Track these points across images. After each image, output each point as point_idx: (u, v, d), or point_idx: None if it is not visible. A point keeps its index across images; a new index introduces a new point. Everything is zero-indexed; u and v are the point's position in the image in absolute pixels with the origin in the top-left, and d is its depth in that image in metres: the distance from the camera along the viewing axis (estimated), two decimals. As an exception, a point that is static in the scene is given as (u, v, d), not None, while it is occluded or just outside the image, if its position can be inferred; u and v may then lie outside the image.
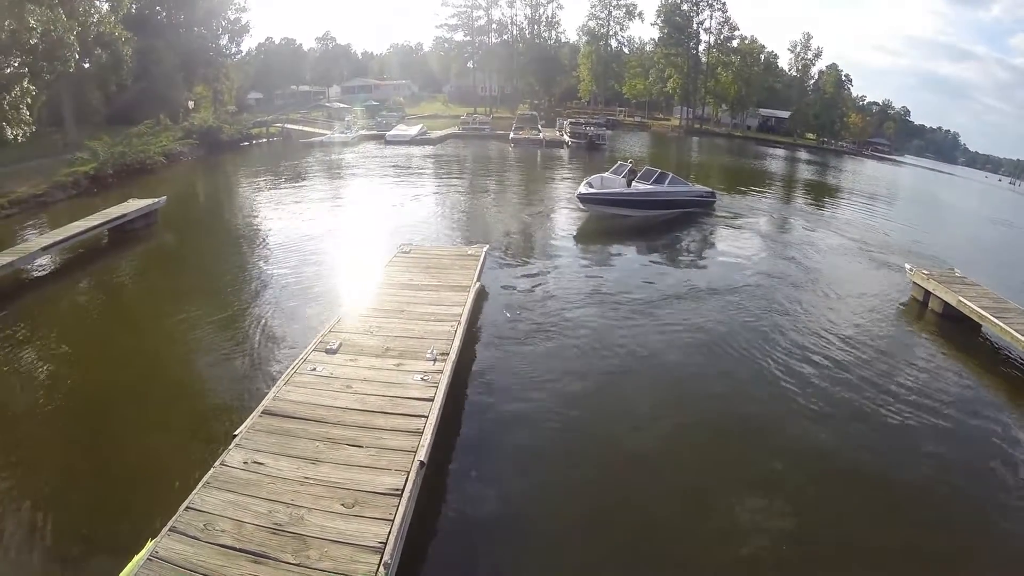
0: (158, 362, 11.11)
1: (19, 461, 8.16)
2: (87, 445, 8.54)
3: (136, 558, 5.40)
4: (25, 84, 24.76)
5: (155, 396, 9.84)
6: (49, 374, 10.51)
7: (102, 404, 9.58)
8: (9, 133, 24.26)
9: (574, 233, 23.42)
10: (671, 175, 27.39)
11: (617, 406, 10.46)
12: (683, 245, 22.89)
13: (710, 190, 30.05)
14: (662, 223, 25.54)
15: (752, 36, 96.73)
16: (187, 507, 5.97)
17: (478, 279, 13.87)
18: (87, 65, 35.78)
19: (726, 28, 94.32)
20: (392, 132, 52.80)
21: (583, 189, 24.52)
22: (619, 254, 20.82)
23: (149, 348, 11.61)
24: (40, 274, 15.31)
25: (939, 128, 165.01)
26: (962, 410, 11.43)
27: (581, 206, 24.60)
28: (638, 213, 25.39)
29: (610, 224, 24.61)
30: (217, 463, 6.65)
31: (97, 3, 34.45)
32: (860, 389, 11.72)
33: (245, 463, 6.66)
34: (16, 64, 25.19)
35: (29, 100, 25.35)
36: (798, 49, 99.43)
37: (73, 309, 13.87)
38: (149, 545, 5.52)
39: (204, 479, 6.38)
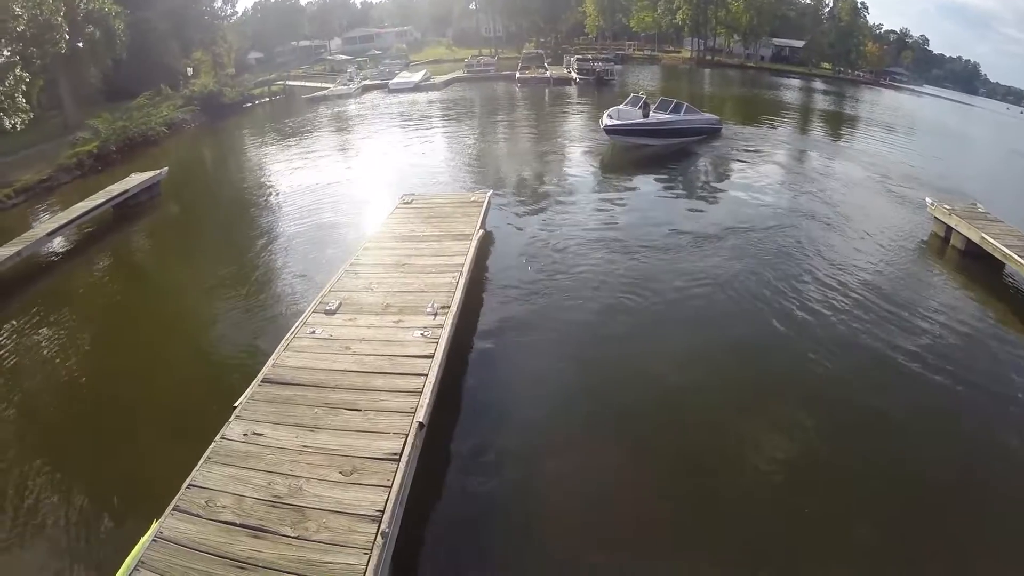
0: (165, 336, 11.11)
1: (32, 442, 8.32)
2: (92, 424, 8.60)
3: (142, 540, 5.41)
4: (18, 72, 24.53)
5: (160, 371, 9.85)
6: (58, 356, 10.55)
7: (108, 380, 9.65)
8: (7, 123, 24.15)
9: (585, 171, 23.10)
10: (686, 104, 27.91)
11: (631, 359, 10.08)
12: (699, 181, 22.28)
13: (718, 118, 30.31)
14: (675, 155, 25.26)
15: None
16: (189, 484, 5.97)
17: (481, 226, 13.59)
18: (80, 44, 35.30)
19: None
20: (395, 80, 51.91)
21: (607, 121, 24.93)
22: (633, 191, 20.27)
23: (155, 322, 11.62)
24: (50, 259, 15.30)
25: (959, 58, 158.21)
26: (986, 351, 11.08)
27: (607, 137, 25.10)
28: (659, 142, 25.88)
29: (622, 159, 24.35)
30: (218, 437, 6.62)
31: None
32: (881, 329, 11.37)
33: (245, 435, 6.62)
34: (7, 53, 24.97)
35: (24, 87, 25.15)
36: None
37: (80, 289, 13.85)
38: (154, 526, 5.53)
39: (206, 454, 6.36)
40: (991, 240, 14.29)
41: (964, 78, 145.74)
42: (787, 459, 7.89)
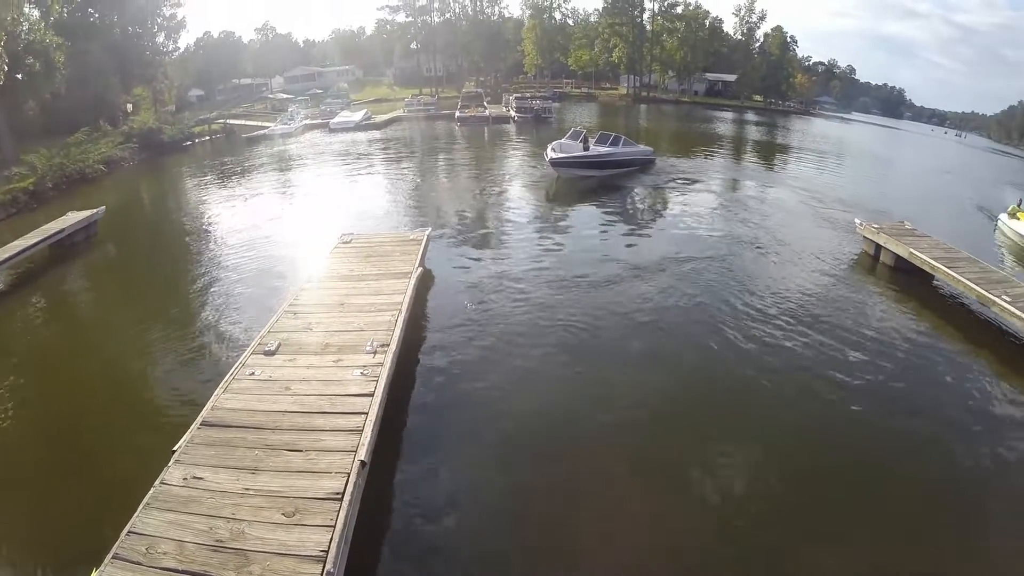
0: (101, 379, 10.76)
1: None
2: (31, 470, 8.28)
3: None
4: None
5: (97, 416, 9.56)
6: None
7: (46, 425, 9.28)
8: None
9: (524, 207, 23.50)
10: (623, 137, 29.42)
11: (573, 394, 10.23)
12: (638, 213, 22.97)
13: (651, 149, 31.77)
14: (614, 188, 26.25)
15: (696, 2, 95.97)
16: (129, 531, 5.81)
17: (420, 264, 13.67)
18: (19, 76, 34.27)
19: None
20: (336, 120, 51.65)
21: (551, 154, 25.91)
22: (572, 225, 20.71)
23: (91, 366, 11.26)
24: (-20, 299, 14.68)
25: (885, 85, 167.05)
26: (920, 357, 11.85)
27: (551, 169, 26.06)
28: (599, 173, 27.16)
29: (561, 193, 25.26)
30: (157, 482, 6.47)
31: (27, 10, 33.00)
32: (819, 344, 12.03)
33: (185, 479, 6.50)
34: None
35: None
36: (743, 13, 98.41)
37: (12, 332, 13.25)
38: (93, 575, 5.38)
39: (145, 500, 6.21)
40: (919, 254, 15.25)
41: (890, 103, 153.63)
42: (736, 481, 8.20)
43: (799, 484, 8.18)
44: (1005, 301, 12.49)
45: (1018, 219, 21.55)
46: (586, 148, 27.45)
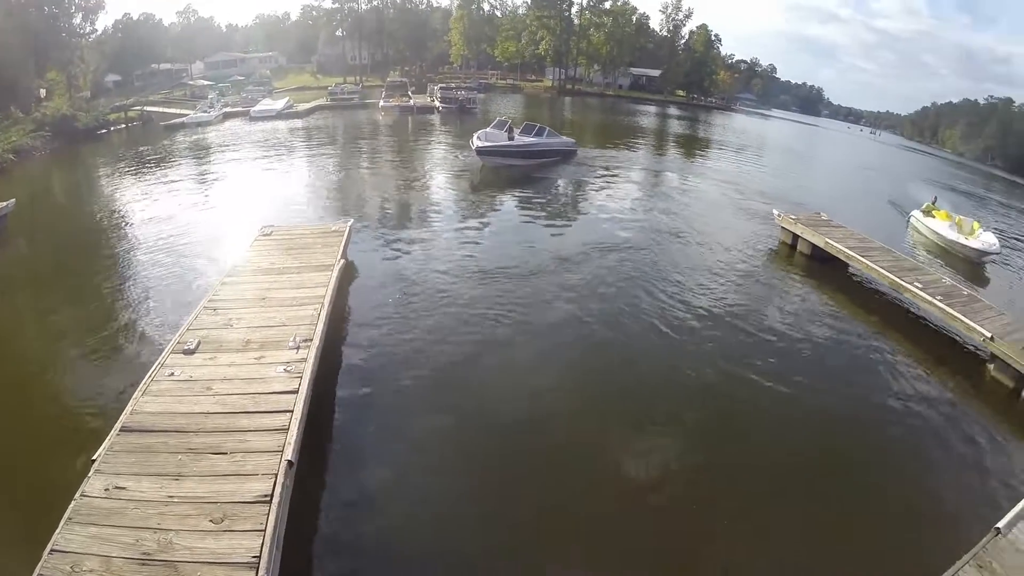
0: (12, 384, 10.02)
1: None
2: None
3: None
4: None
5: (10, 424, 8.86)
6: None
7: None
8: None
9: (448, 197, 23.54)
10: (547, 128, 29.86)
11: (497, 383, 10.35)
12: (561, 203, 23.24)
13: (574, 140, 32.29)
14: (537, 178, 26.54)
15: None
16: (52, 550, 5.48)
17: (343, 256, 13.41)
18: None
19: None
20: (257, 108, 49.75)
21: (478, 143, 25.89)
22: (496, 215, 20.84)
23: (1, 371, 10.61)
24: None
25: (804, 84, 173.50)
26: (835, 339, 12.65)
27: (477, 157, 26.14)
28: (524, 163, 27.36)
29: (484, 182, 25.44)
30: (78, 494, 6.12)
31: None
32: (739, 329, 12.57)
33: (106, 490, 6.19)
34: None
35: None
36: (669, 10, 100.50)
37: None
38: None
39: (66, 514, 5.87)
40: (835, 244, 16.00)
41: (809, 101, 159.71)
42: (662, 463, 8.48)
43: (715, 463, 8.61)
44: (917, 287, 13.28)
45: (932, 216, 22.17)
46: (511, 138, 27.49)
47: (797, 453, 8.91)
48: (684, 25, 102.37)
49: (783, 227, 18.34)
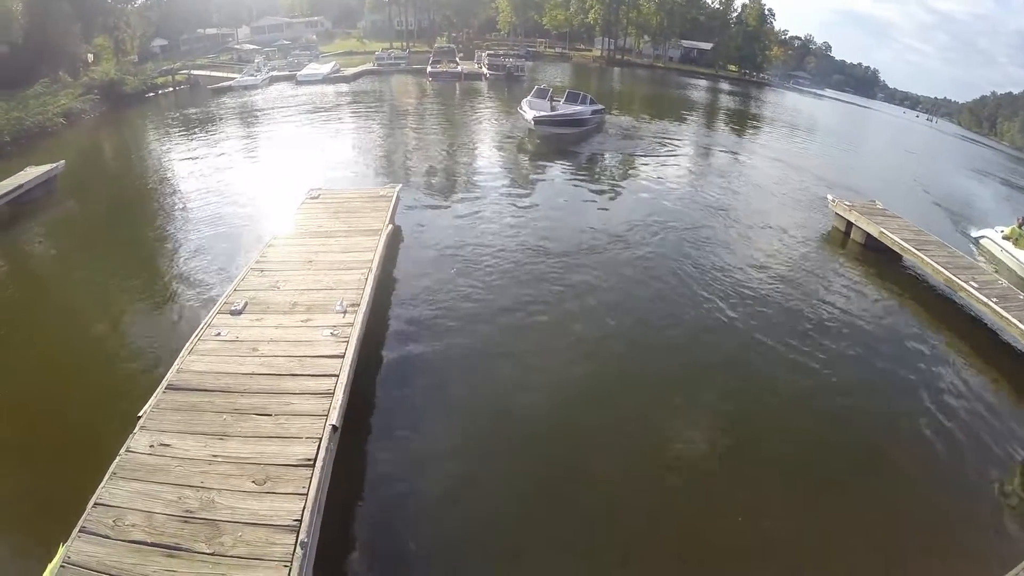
0: (62, 341, 10.29)
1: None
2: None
3: (50, 567, 5.01)
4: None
5: (59, 379, 9.15)
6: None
7: (3, 390, 8.85)
8: None
9: (495, 165, 23.27)
10: (589, 96, 29.47)
11: (545, 353, 10.16)
12: (606, 177, 22.80)
13: (602, 107, 31.67)
14: (581, 148, 26.21)
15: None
16: (95, 503, 5.57)
17: (391, 221, 13.34)
18: (-27, 26, 32.69)
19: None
20: (303, 72, 49.99)
21: (535, 113, 25.67)
22: (544, 186, 20.53)
23: (51, 327, 10.73)
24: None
25: (859, 64, 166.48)
26: (884, 334, 12.06)
27: (535, 127, 25.89)
28: (573, 131, 27.27)
29: (532, 151, 25.13)
30: (123, 450, 6.21)
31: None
32: (789, 316, 12.18)
33: (151, 446, 6.25)
34: None
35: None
36: None
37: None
38: (61, 551, 5.12)
39: (110, 469, 5.96)
40: (889, 234, 15.33)
41: (864, 83, 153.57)
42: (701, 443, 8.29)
43: (758, 448, 8.35)
44: (972, 287, 12.62)
45: (1019, 245, 17.00)
46: (553, 108, 27.17)
47: (837, 448, 8.51)
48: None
49: (837, 213, 17.70)
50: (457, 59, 59.38)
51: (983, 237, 19.08)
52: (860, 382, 10.22)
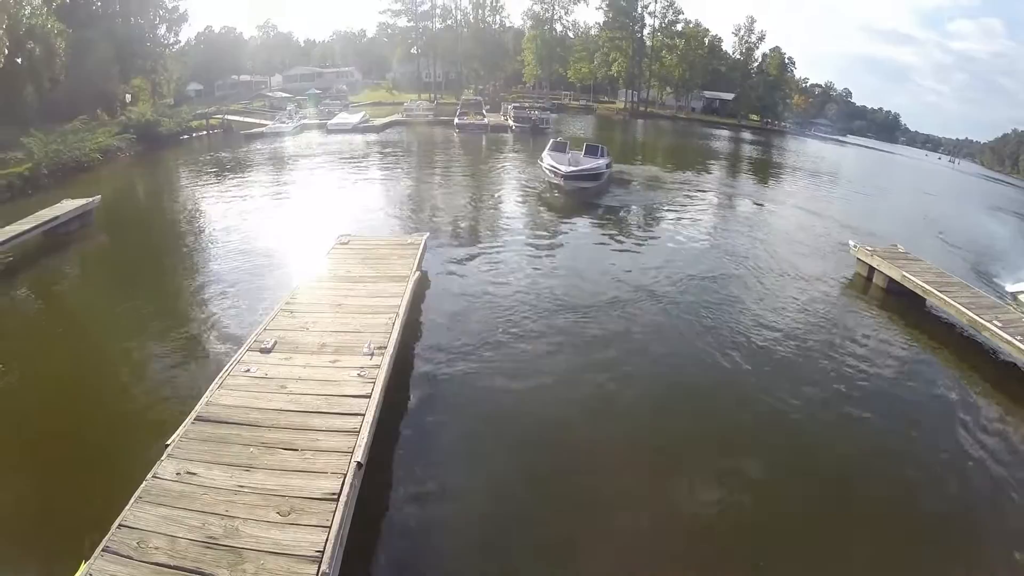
0: (92, 369, 10.63)
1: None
2: (16, 460, 8.10)
3: None
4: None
5: (88, 406, 9.43)
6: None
7: (34, 414, 9.13)
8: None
9: (520, 216, 23.64)
10: (605, 147, 29.89)
11: (569, 399, 10.22)
12: (630, 227, 22.97)
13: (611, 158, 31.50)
14: (607, 200, 26.45)
15: (696, 20, 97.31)
16: (120, 525, 5.68)
17: (418, 268, 13.62)
18: (19, 60, 34.00)
19: (670, 12, 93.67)
20: (333, 121, 51.56)
21: (565, 168, 25.87)
22: (568, 237, 20.67)
23: (83, 356, 11.09)
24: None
25: (880, 109, 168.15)
26: (910, 378, 11.97)
27: (564, 183, 25.93)
28: (595, 185, 27.33)
29: (556, 203, 25.34)
30: (149, 476, 6.35)
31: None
32: (813, 362, 12.11)
33: (178, 474, 6.39)
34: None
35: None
36: (742, 32, 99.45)
37: (1, 320, 13.06)
38: (83, 568, 5.24)
39: (136, 493, 6.09)
40: (911, 277, 15.35)
41: (886, 128, 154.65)
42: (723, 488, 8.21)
43: (781, 495, 8.26)
44: (996, 326, 12.57)
45: None
46: (572, 161, 27.39)
47: (858, 492, 8.44)
48: (757, 48, 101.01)
49: (859, 258, 17.78)
50: (484, 111, 60.82)
51: (1021, 292, 17.70)
52: (883, 426, 10.09)
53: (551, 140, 30.83)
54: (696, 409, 10.39)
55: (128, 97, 46.71)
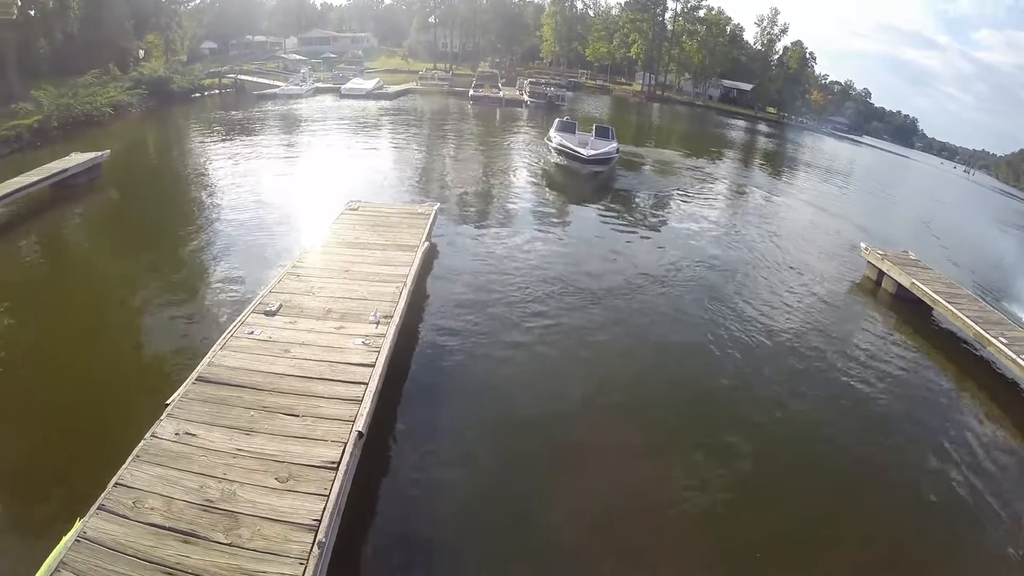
0: (95, 324, 10.54)
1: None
2: (17, 412, 7.97)
3: (64, 540, 5.03)
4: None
5: (90, 361, 9.34)
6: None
7: (34, 367, 9.09)
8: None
9: (531, 191, 23.37)
10: (613, 129, 28.96)
11: (572, 374, 10.18)
12: (640, 214, 22.58)
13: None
14: (616, 183, 26.29)
15: (719, 7, 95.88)
16: (116, 483, 5.61)
17: (427, 238, 13.45)
18: (32, 12, 33.74)
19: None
20: (347, 85, 51.25)
21: (586, 152, 24.90)
22: (578, 219, 20.46)
23: (86, 310, 11.03)
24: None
25: (898, 112, 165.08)
26: (909, 386, 11.77)
27: (581, 168, 25.14)
28: (607, 168, 26.68)
29: (567, 181, 24.98)
30: (148, 435, 6.26)
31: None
32: (815, 366, 11.88)
33: (177, 434, 6.30)
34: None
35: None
36: (765, 23, 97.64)
37: (3, 270, 12.86)
38: (77, 525, 5.16)
39: (134, 452, 6.00)
40: (921, 286, 15.10)
41: (902, 131, 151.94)
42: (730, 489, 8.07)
43: (778, 502, 8.08)
44: (1001, 343, 12.36)
45: None
46: (583, 142, 26.64)
47: (854, 503, 8.30)
48: (779, 40, 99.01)
49: (869, 261, 17.53)
50: (499, 84, 60.35)
51: None
52: (881, 438, 9.88)
53: (557, 119, 30.26)
54: (690, 393, 10.41)
55: (141, 53, 46.39)
